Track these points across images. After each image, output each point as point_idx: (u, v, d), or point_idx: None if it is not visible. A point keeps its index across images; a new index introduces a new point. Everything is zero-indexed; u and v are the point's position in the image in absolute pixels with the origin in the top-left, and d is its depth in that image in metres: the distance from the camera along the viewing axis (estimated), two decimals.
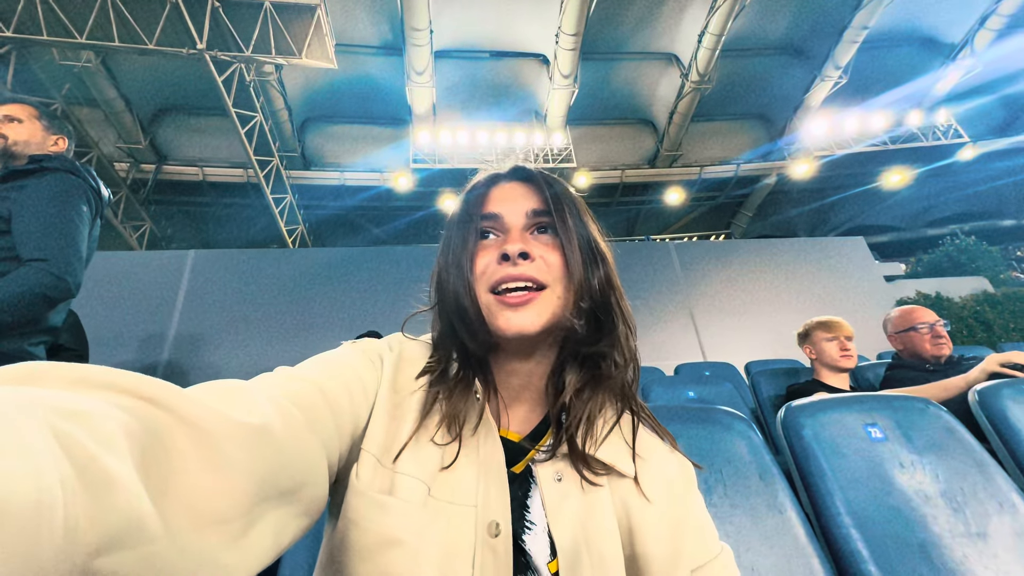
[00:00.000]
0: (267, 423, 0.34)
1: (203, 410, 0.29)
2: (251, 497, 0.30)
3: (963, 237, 6.10)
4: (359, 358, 0.53)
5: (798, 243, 5.38)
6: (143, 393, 0.27)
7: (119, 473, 0.21)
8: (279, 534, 0.33)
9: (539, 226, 0.56)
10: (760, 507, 0.94)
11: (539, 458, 0.52)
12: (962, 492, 1.01)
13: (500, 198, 0.57)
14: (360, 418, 0.48)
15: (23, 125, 1.41)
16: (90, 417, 0.22)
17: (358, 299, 4.30)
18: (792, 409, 1.17)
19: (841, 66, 10.06)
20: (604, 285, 0.53)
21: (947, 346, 1.89)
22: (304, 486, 0.36)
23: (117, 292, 3.87)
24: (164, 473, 0.25)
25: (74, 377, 0.25)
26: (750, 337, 4.53)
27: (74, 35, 6.45)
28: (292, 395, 0.41)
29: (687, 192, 12.39)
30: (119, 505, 0.21)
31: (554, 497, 0.50)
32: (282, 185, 9.49)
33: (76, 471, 0.20)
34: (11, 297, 1.15)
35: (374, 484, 0.46)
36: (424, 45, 8.90)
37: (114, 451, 0.22)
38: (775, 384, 2.20)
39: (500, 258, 0.52)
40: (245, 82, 7.67)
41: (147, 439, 0.25)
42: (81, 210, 1.34)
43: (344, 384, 0.47)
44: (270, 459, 0.33)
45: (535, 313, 0.51)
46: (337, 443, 0.43)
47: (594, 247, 0.55)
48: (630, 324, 0.56)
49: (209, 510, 0.27)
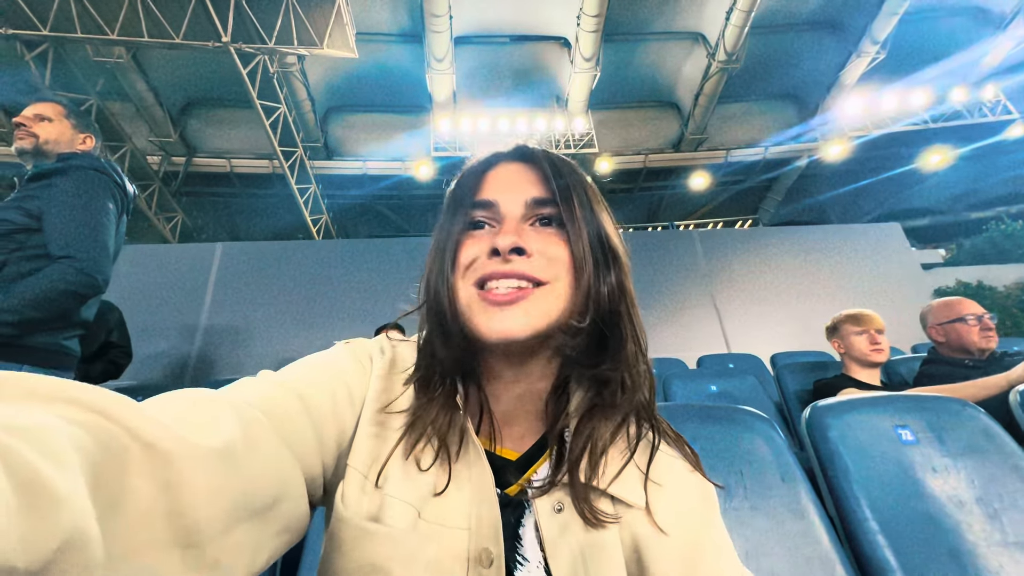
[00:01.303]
0: (231, 442, 0.32)
1: (162, 431, 0.27)
2: (219, 521, 0.29)
3: (1009, 221, 5.77)
4: (348, 361, 0.49)
5: (828, 230, 5.18)
6: (95, 406, 0.25)
7: (64, 490, 0.20)
8: (254, 554, 0.32)
9: (541, 217, 0.48)
10: (781, 510, 0.92)
11: (536, 484, 0.46)
12: (999, 498, 0.97)
13: (497, 182, 0.49)
14: (346, 425, 0.44)
15: (53, 124, 1.45)
16: (38, 431, 0.21)
17: (381, 289, 4.36)
18: (818, 409, 1.14)
19: (879, 41, 9.52)
20: (615, 292, 0.45)
21: (995, 339, 1.81)
22: (279, 502, 0.35)
23: (148, 284, 4.02)
24: (117, 495, 0.24)
25: (25, 389, 0.24)
26: (776, 328, 4.42)
27: (106, 31, 6.64)
28: (267, 403, 0.38)
29: (712, 176, 12.04)
30: (62, 523, 0.19)
31: (553, 530, 0.44)
32: (306, 175, 9.65)
33: (13, 487, 0.18)
34: (41, 294, 1.20)
35: (360, 508, 0.42)
36: (444, 31, 8.82)
37: (61, 466, 0.21)
38: (801, 378, 2.14)
39: (490, 252, 0.45)
40: (269, 74, 7.78)
41: (99, 454, 0.24)
42: (107, 207, 1.38)
43: (328, 389, 0.44)
44: (236, 479, 0.31)
45: (524, 313, 0.43)
46: (319, 453, 0.41)
47: (606, 245, 0.47)
48: (641, 343, 0.47)
49: (169, 530, 0.26)
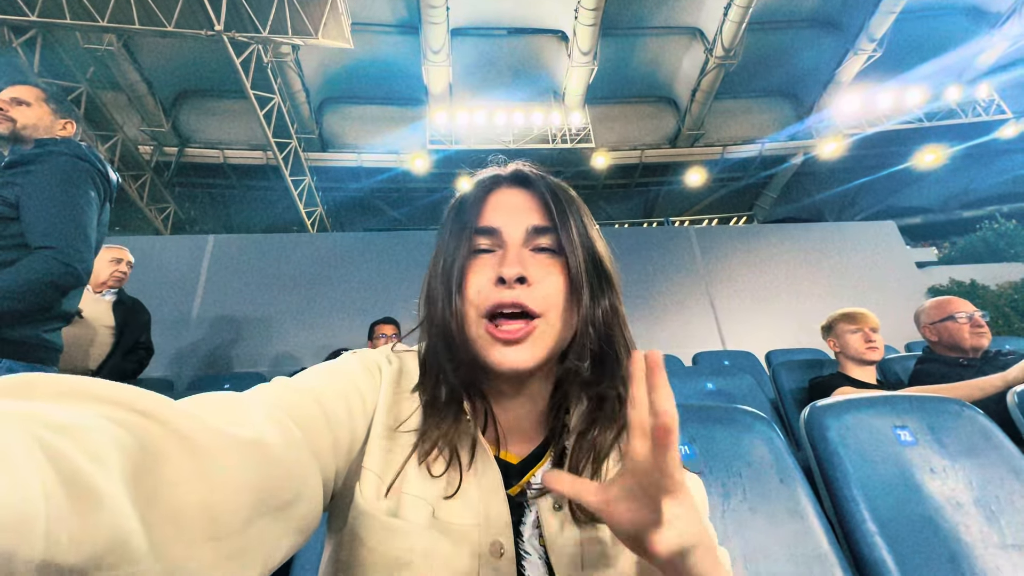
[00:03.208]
0: (261, 436, 0.33)
1: (197, 424, 0.29)
2: (244, 513, 0.29)
3: (1002, 221, 5.80)
4: (359, 370, 0.51)
5: (824, 228, 5.19)
6: (136, 406, 0.26)
7: (106, 489, 0.21)
8: (271, 551, 0.32)
9: (539, 245, 0.51)
10: (780, 512, 0.91)
11: (536, 485, 0.50)
12: (997, 500, 0.97)
13: (499, 208, 0.52)
14: (358, 432, 0.47)
15: (31, 108, 1.39)
16: (80, 430, 0.22)
17: (378, 283, 4.32)
18: (816, 409, 1.13)
19: (876, 38, 9.52)
20: (609, 315, 0.49)
21: (986, 337, 1.81)
22: (298, 501, 0.35)
23: (138, 276, 3.96)
24: (154, 488, 0.25)
25: (66, 390, 0.25)
26: (772, 325, 4.43)
27: (96, 18, 6.50)
28: (288, 407, 0.40)
29: (709, 173, 12.04)
30: (104, 522, 0.20)
31: (553, 526, 0.48)
32: (300, 167, 9.54)
33: (62, 485, 0.19)
34: (21, 285, 1.16)
35: (380, 505, 0.45)
36: (440, 23, 8.73)
37: (103, 465, 0.21)
38: (797, 376, 2.14)
39: (496, 281, 0.48)
40: (263, 63, 7.66)
41: (138, 453, 0.24)
42: (89, 195, 1.33)
43: (343, 396, 0.46)
44: (264, 474, 0.32)
45: (529, 349, 0.47)
46: (333, 458, 0.42)
47: (601, 268, 0.51)
48: None
49: (202, 525, 0.26)
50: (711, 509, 0.91)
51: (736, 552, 0.85)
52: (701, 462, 0.97)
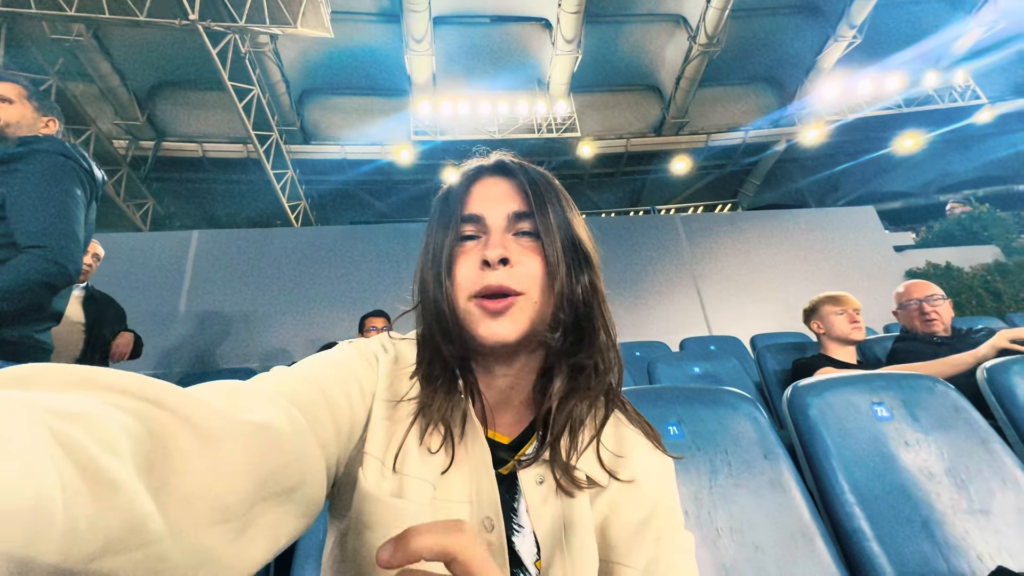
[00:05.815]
0: (269, 422, 0.34)
1: (205, 410, 0.29)
2: (252, 495, 0.30)
3: (976, 204, 5.96)
4: (356, 358, 0.53)
5: (806, 214, 5.29)
6: (144, 394, 0.27)
7: (120, 474, 0.21)
8: (277, 534, 0.33)
9: (520, 229, 0.54)
10: (764, 486, 0.96)
11: (523, 461, 0.53)
12: (966, 469, 1.02)
13: (482, 197, 0.55)
14: (358, 419, 0.49)
15: (14, 106, 1.36)
16: (91, 419, 0.22)
17: (366, 276, 4.30)
18: (799, 388, 1.17)
19: (856, 25, 9.62)
20: (588, 292, 0.52)
21: (938, 323, 1.89)
22: (303, 485, 0.36)
23: (122, 274, 3.89)
24: (166, 474, 0.25)
25: (76, 379, 0.25)
26: (756, 310, 4.52)
27: (63, 7, 6.28)
28: (291, 394, 0.41)
29: (694, 161, 12.11)
30: (120, 506, 0.21)
31: (536, 499, 0.51)
32: (282, 160, 9.37)
33: (78, 472, 0.20)
34: (12, 286, 1.15)
35: (383, 487, 0.47)
36: (422, 11, 8.59)
37: (115, 452, 0.22)
38: (781, 358, 2.20)
39: (481, 264, 0.51)
40: (240, 54, 7.48)
41: (149, 440, 0.25)
42: (76, 194, 1.31)
43: (342, 384, 0.48)
44: (271, 458, 0.33)
45: (512, 321, 0.50)
46: (335, 444, 0.44)
47: (579, 249, 0.53)
48: (612, 334, 0.55)
49: (211, 509, 0.27)
50: (698, 486, 0.95)
51: (723, 524, 0.89)
52: (689, 442, 1.01)
